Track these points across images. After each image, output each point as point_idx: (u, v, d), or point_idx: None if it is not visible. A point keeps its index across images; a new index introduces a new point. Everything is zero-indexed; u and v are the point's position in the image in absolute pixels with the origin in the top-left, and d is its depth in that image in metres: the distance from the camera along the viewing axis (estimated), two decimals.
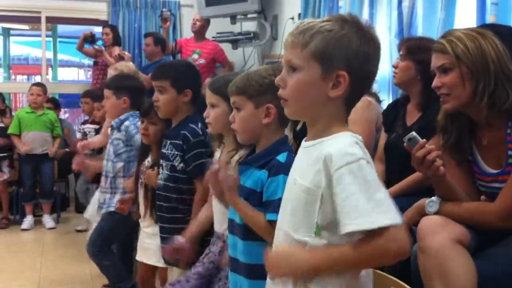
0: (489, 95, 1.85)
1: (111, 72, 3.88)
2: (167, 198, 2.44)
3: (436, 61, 1.98)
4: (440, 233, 1.85)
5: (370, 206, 1.18)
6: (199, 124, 2.43)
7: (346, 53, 1.24)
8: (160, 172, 2.49)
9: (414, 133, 1.90)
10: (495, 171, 1.95)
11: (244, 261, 1.68)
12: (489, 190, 1.97)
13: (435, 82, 1.98)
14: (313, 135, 1.33)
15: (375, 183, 1.21)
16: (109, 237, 3.24)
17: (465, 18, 3.05)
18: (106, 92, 3.26)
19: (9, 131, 5.78)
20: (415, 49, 2.60)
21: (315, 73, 1.26)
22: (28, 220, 5.80)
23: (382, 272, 1.95)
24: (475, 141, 2.01)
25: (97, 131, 4.78)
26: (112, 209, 3.15)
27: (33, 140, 5.77)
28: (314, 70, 1.26)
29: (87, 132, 5.50)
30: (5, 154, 5.88)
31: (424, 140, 1.87)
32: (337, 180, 1.20)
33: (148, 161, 2.77)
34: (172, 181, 2.42)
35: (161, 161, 2.49)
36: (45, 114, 5.89)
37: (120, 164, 3.17)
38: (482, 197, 2.05)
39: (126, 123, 3.16)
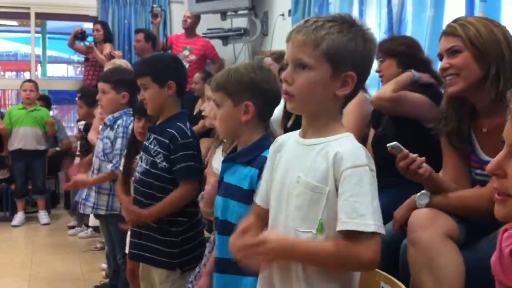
0: (505, 82, 1.85)
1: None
2: (144, 193, 2.38)
3: (445, 43, 1.98)
4: (430, 227, 1.87)
5: (367, 210, 1.24)
6: (187, 124, 2.38)
7: (354, 56, 1.31)
8: (139, 165, 2.44)
9: (397, 143, 1.90)
10: (492, 159, 1.97)
11: None
12: (485, 178, 1.98)
13: (443, 64, 1.97)
14: (313, 132, 1.37)
15: (374, 190, 1.27)
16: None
17: (454, 15, 3.07)
18: (103, 86, 3.12)
19: None
20: (388, 46, 2.72)
21: (326, 72, 1.31)
22: (19, 217, 5.78)
23: None
24: (474, 129, 2.02)
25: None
26: (115, 212, 3.07)
27: (23, 136, 5.75)
28: (325, 69, 1.31)
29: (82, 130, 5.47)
30: None
31: (407, 151, 1.89)
32: (344, 179, 1.26)
33: (140, 156, 2.76)
34: (152, 177, 2.36)
35: (142, 154, 2.44)
36: (36, 110, 5.87)
37: (109, 165, 3.06)
38: (477, 186, 2.07)
39: (119, 122, 3.09)
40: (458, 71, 1.93)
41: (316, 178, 1.30)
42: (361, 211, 1.23)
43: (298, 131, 1.43)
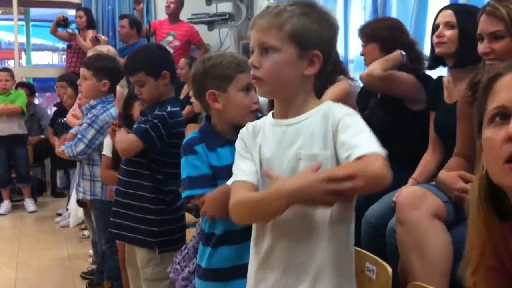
0: None
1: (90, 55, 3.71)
2: (128, 172, 2.43)
3: (487, 26, 1.88)
4: (418, 207, 1.89)
5: (370, 138, 1.26)
6: (176, 108, 2.42)
7: (318, 35, 1.34)
8: None
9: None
10: None
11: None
12: None
13: (484, 48, 1.90)
14: (295, 111, 1.37)
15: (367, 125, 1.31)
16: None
17: None
18: (85, 71, 3.06)
19: None
20: (371, 31, 2.73)
21: (292, 53, 1.33)
22: (5, 205, 5.74)
23: (358, 248, 1.98)
24: None
25: None
26: (98, 197, 3.06)
27: (4, 121, 5.65)
28: (291, 50, 1.32)
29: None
30: None
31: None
32: (343, 124, 1.29)
33: None
34: (136, 156, 2.39)
35: None
36: (11, 94, 5.74)
37: (89, 150, 3.03)
38: None
39: (93, 110, 3.04)
40: (501, 57, 1.86)
41: (317, 147, 1.32)
42: (365, 139, 1.26)
43: (269, 116, 1.44)
